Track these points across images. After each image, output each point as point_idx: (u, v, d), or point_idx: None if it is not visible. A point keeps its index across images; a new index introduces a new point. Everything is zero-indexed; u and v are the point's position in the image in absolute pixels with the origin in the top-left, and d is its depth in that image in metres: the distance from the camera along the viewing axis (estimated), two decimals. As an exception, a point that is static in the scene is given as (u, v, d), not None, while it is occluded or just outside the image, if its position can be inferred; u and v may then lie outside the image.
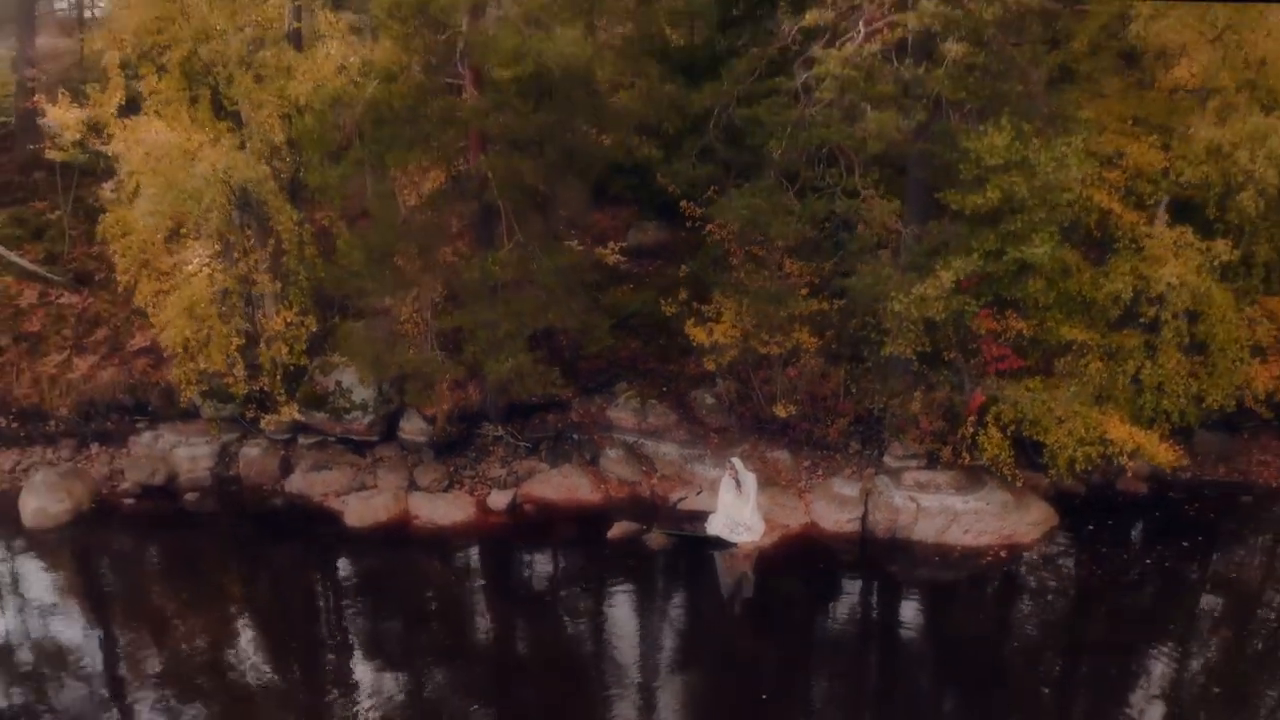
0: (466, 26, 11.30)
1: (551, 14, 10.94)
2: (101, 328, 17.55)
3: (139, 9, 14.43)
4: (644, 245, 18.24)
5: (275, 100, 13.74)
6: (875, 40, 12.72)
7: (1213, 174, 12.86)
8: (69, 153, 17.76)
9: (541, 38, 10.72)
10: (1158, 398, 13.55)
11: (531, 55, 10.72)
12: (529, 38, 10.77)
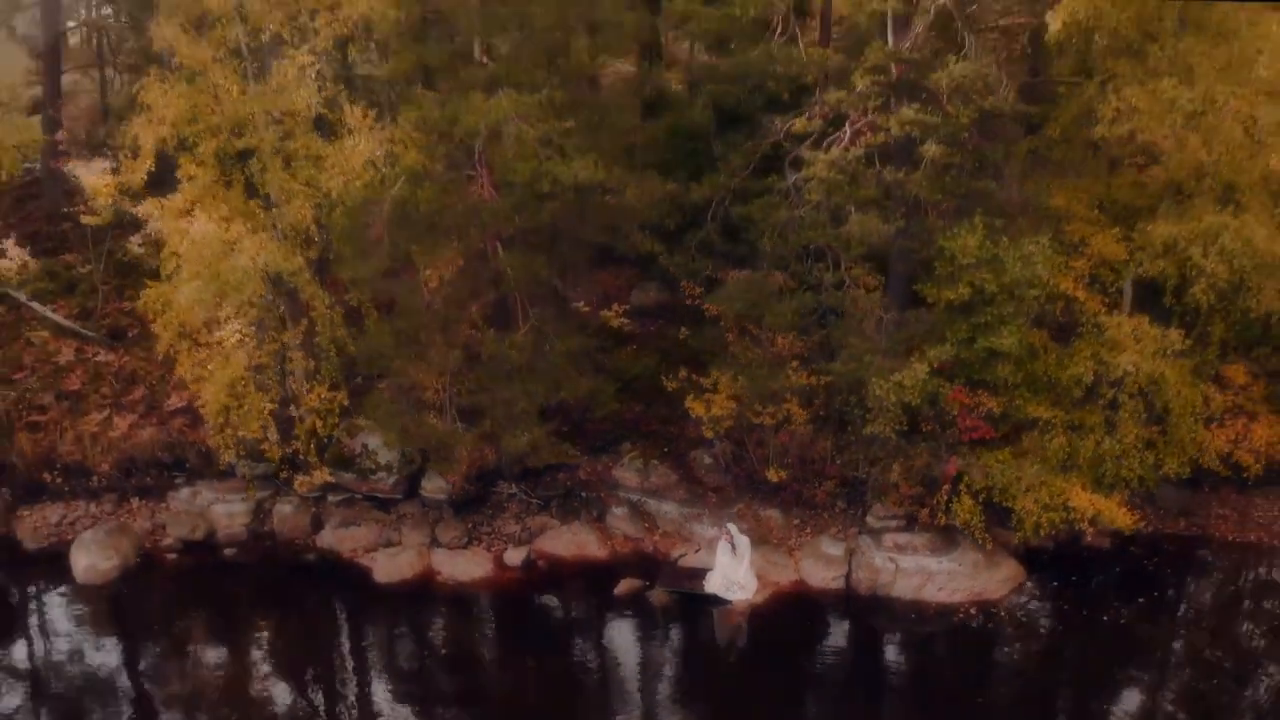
0: (486, 148, 12.90)
1: (564, 136, 12.52)
2: (138, 386, 19.24)
3: (176, 100, 15.96)
4: (645, 306, 19.90)
5: (306, 190, 15.34)
6: (859, 143, 14.35)
7: (1169, 268, 14.51)
8: (102, 217, 19.56)
9: (556, 163, 12.30)
10: (1118, 465, 15.22)
11: (548, 178, 12.31)
12: (545, 161, 12.36)
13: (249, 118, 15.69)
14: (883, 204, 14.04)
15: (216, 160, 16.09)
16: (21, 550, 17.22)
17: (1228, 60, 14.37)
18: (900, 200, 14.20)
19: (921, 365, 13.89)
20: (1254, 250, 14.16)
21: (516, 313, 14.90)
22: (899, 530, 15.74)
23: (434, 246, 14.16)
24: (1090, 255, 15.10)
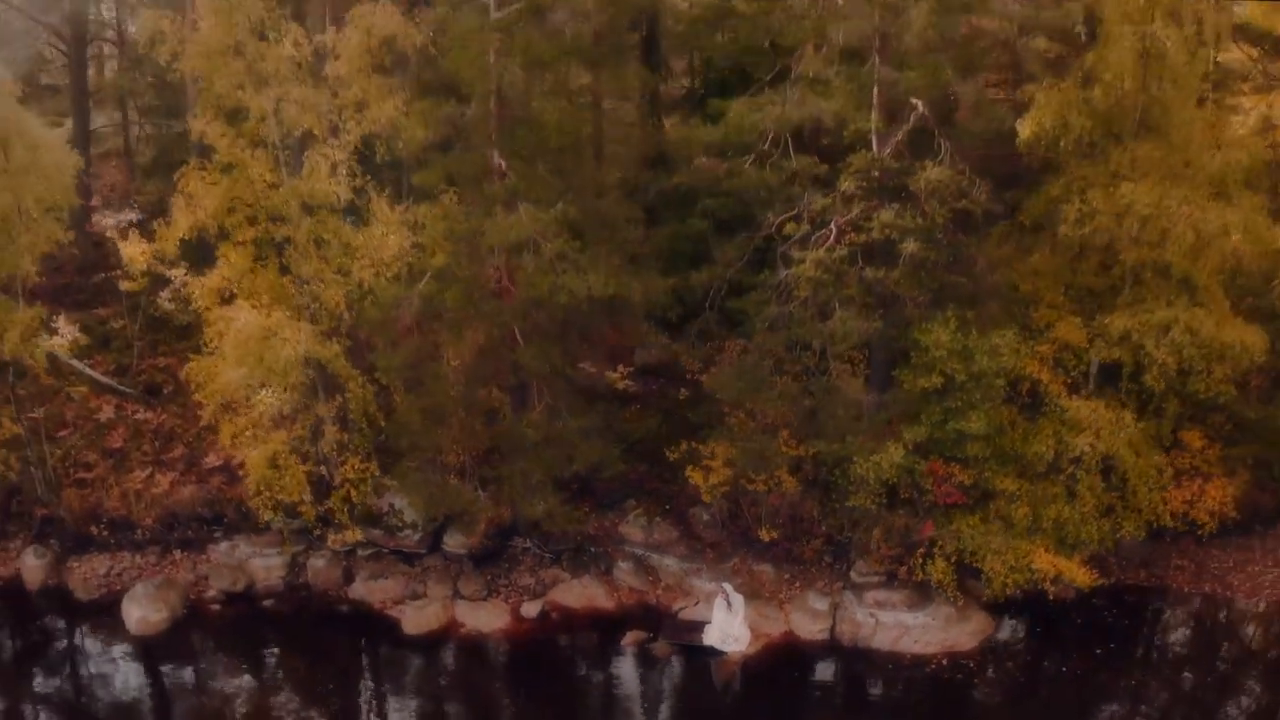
0: (508, 261, 14.77)
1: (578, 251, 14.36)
2: (177, 444, 21.19)
3: (216, 192, 17.79)
4: (649, 364, 21.78)
5: (339, 279, 17.21)
6: (844, 241, 16.19)
7: (1124, 355, 16.43)
8: (139, 282, 21.44)
9: (572, 277, 14.18)
10: (1078, 530, 17.21)
11: (565, 291, 14.20)
12: (561, 275, 14.23)
13: (284, 206, 17.58)
14: (864, 300, 15.92)
15: (254, 245, 18.01)
16: (74, 600, 19.28)
17: (1181, 164, 16.23)
18: (880, 296, 16.08)
19: (898, 448, 15.89)
20: (1201, 340, 16.11)
21: (533, 392, 16.83)
22: (879, 587, 17.77)
23: (458, 338, 16.05)
24: (1055, 340, 17.04)
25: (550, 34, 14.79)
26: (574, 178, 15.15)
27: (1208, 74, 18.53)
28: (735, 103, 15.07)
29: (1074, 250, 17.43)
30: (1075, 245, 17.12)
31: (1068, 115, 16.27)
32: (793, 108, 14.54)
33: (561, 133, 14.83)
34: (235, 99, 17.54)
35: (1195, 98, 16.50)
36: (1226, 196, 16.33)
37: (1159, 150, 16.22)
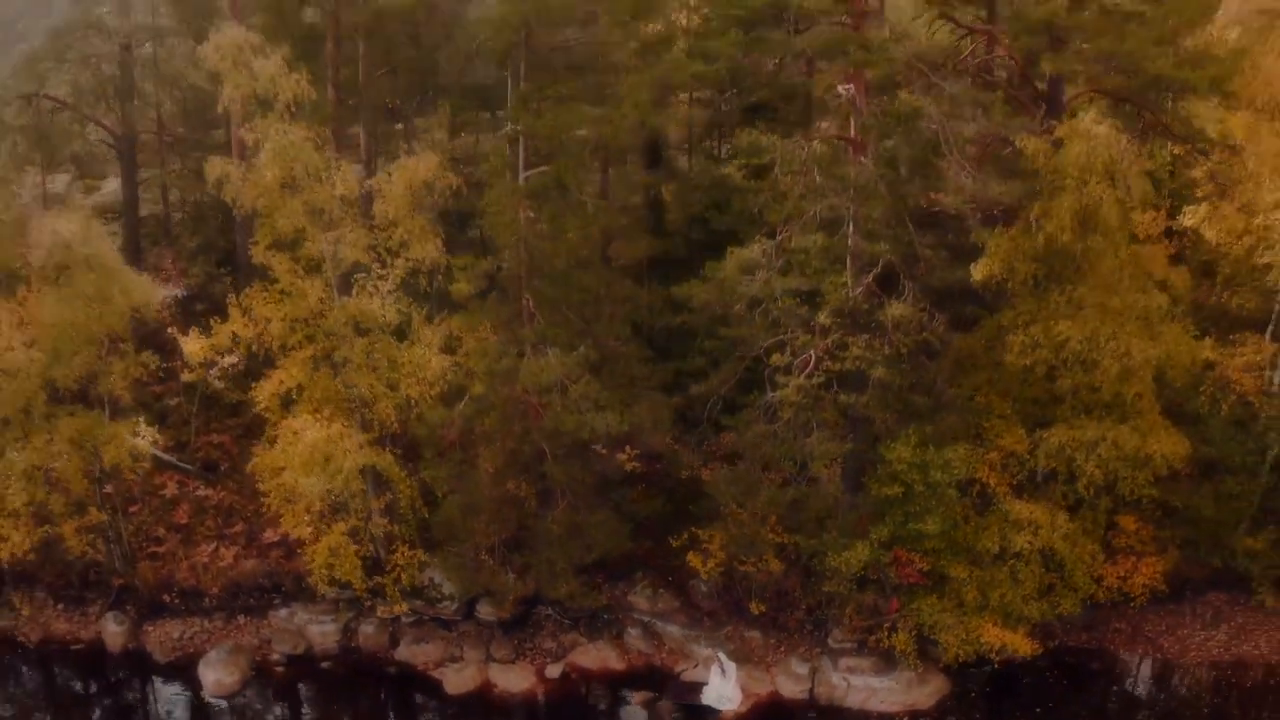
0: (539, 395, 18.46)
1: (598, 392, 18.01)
2: (237, 520, 24.97)
3: (277, 312, 21.37)
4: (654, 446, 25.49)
5: (389, 393, 20.86)
6: (821, 368, 19.84)
7: (1060, 465, 20.19)
8: (198, 373, 25.12)
9: (594, 415, 17.85)
10: (1021, 607, 21.05)
11: (587, 429, 17.87)
12: (585, 414, 17.90)
13: (337, 326, 21.20)
14: (838, 421, 19.62)
15: (311, 359, 21.63)
16: (153, 662, 23.15)
17: (1111, 303, 19.87)
18: (852, 417, 19.79)
19: (865, 545, 19.73)
20: (1125, 454, 19.88)
21: (557, 493, 20.57)
22: (852, 654, 21.70)
23: (493, 449, 19.76)
24: (1002, 448, 20.80)
25: (573, 204, 18.36)
26: (594, 324, 18.82)
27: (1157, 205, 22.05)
28: (728, 264, 18.75)
29: (1020, 373, 21.08)
30: (1020, 369, 20.80)
31: (1015, 260, 19.95)
32: (777, 278, 18.15)
33: (582, 289, 18.46)
34: (293, 232, 21.13)
35: (1124, 246, 20.07)
36: (1152, 330, 20.00)
37: (1092, 292, 19.89)
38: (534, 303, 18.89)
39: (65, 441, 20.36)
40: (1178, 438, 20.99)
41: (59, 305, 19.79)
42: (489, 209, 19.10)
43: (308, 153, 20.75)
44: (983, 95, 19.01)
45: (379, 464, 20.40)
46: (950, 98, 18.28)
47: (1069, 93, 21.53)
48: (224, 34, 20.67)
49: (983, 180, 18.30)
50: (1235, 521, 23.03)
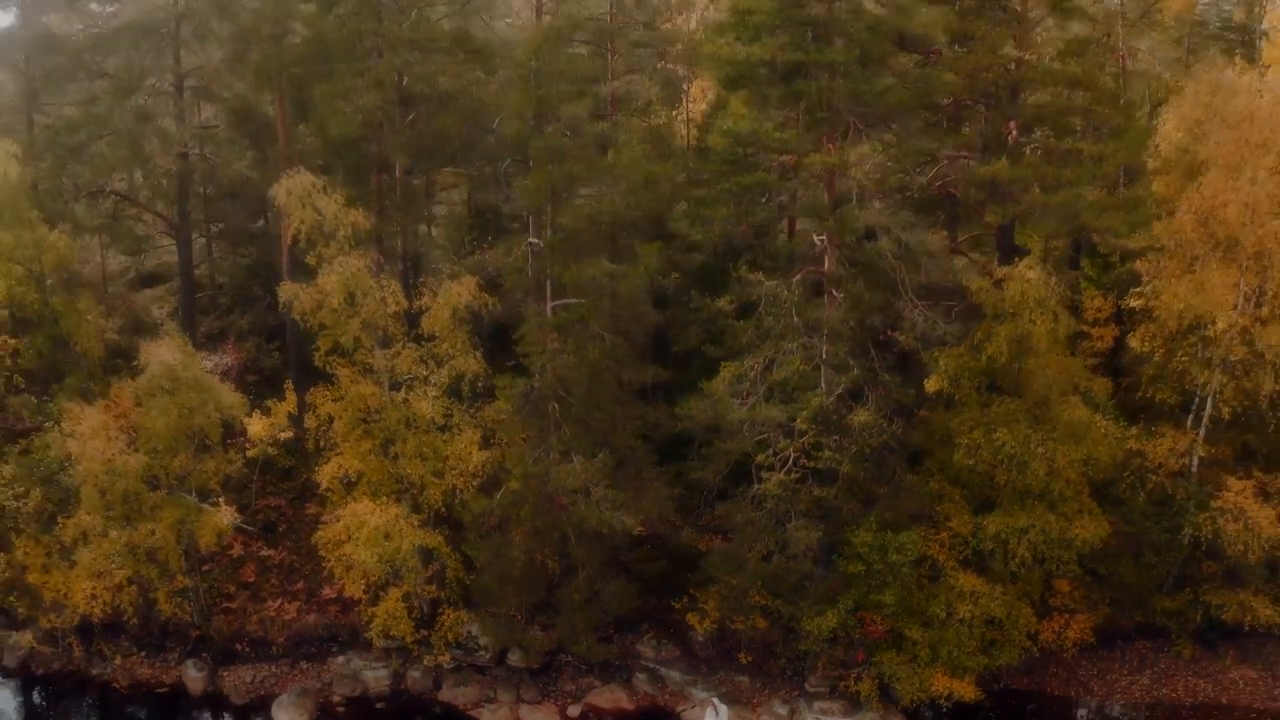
0: (566, 498, 23.70)
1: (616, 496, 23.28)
2: (298, 579, 30.31)
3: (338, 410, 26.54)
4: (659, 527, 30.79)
5: (437, 481, 26.08)
6: (799, 465, 25.09)
7: (997, 547, 25.50)
8: (260, 448, 30.42)
9: (611, 514, 23.08)
10: (966, 661, 26.42)
11: (606, 525, 23.14)
12: (605, 513, 23.12)
13: (391, 422, 26.37)
14: (812, 513, 24.87)
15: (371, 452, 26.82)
16: (230, 704, 28.60)
17: (1042, 414, 25.08)
18: (824, 507, 25.04)
19: (834, 613, 25.09)
20: (1051, 539, 25.17)
21: (578, 567, 25.88)
22: (825, 697, 27.15)
23: (525, 532, 25.05)
24: (950, 529, 26.10)
25: (592, 336, 23.44)
26: (610, 435, 24.02)
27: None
28: (720, 382, 23.91)
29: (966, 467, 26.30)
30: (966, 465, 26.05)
31: (961, 376, 25.18)
32: (761, 405, 23.34)
33: (600, 406, 23.61)
34: (351, 342, 26.26)
35: (1053, 365, 25.22)
36: (1076, 436, 25.20)
37: (1025, 404, 25.10)
38: (560, 415, 24.11)
39: (165, 527, 25.61)
40: (1099, 521, 26.34)
41: (162, 416, 24.97)
42: (524, 338, 24.31)
43: (364, 278, 25.95)
44: (934, 241, 24.10)
45: (430, 543, 25.69)
46: (907, 246, 23.40)
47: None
48: (294, 179, 25.72)
49: (932, 320, 23.48)
50: (1155, 585, 28.47)
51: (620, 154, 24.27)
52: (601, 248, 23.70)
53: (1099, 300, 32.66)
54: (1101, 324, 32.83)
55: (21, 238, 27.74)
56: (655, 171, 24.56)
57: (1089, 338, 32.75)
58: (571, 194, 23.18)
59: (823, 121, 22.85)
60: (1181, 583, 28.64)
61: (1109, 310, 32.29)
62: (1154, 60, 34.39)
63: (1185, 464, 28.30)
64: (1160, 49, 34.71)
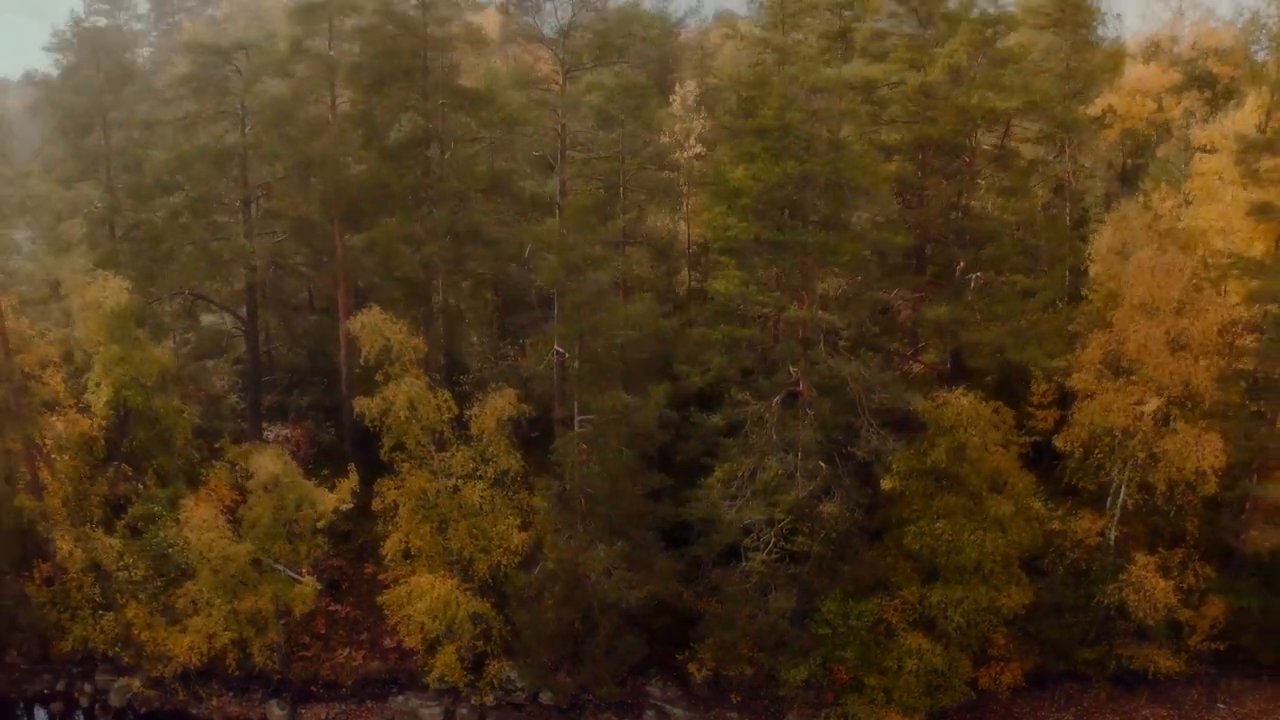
0: (592, 577, 31.69)
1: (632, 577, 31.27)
2: (362, 630, 38.37)
3: (402, 498, 34.52)
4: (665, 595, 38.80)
5: (484, 556, 34.06)
6: (778, 549, 33.09)
7: (938, 613, 33.53)
8: (327, 518, 38.47)
9: (629, 592, 31.00)
10: (916, 702, 34.53)
11: (624, 601, 31.13)
12: (623, 591, 31.04)
13: (446, 508, 34.34)
14: (788, 583, 32.84)
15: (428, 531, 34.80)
16: (310, 738, 36.77)
17: (975, 508, 33.03)
18: (799, 581, 33.03)
19: (805, 665, 33.20)
20: (980, 606, 33.19)
21: (600, 627, 33.91)
22: (800, 733, 35.34)
23: (557, 601, 33.08)
24: (902, 597, 34.13)
25: (613, 449, 31.24)
26: (626, 526, 31.92)
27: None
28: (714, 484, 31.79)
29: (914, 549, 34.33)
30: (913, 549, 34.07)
31: (910, 477, 33.10)
32: (746, 510, 31.29)
33: (618, 503, 31.49)
34: (414, 444, 34.18)
35: (984, 470, 33.08)
36: (1004, 525, 33.15)
37: (962, 499, 33.03)
38: (586, 510, 32.03)
39: (265, 599, 33.61)
40: (1025, 590, 34.36)
41: (266, 512, 32.88)
42: (557, 449, 32.24)
43: (423, 391, 33.84)
44: (888, 376, 32.00)
45: (480, 609, 33.72)
46: (865, 378, 31.24)
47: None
48: (367, 315, 33.52)
49: (884, 436, 31.38)
50: (1077, 640, 36.54)
51: (635, 303, 32.08)
52: (618, 376, 31.56)
53: (1044, 385, 40.54)
54: (1045, 407, 40.77)
55: (130, 354, 35.45)
56: (663, 324, 32.44)
57: (1034, 418, 40.75)
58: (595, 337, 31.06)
59: (797, 283, 30.65)
60: (1100, 636, 36.74)
61: (1052, 394, 40.18)
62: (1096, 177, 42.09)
63: (1103, 540, 36.33)
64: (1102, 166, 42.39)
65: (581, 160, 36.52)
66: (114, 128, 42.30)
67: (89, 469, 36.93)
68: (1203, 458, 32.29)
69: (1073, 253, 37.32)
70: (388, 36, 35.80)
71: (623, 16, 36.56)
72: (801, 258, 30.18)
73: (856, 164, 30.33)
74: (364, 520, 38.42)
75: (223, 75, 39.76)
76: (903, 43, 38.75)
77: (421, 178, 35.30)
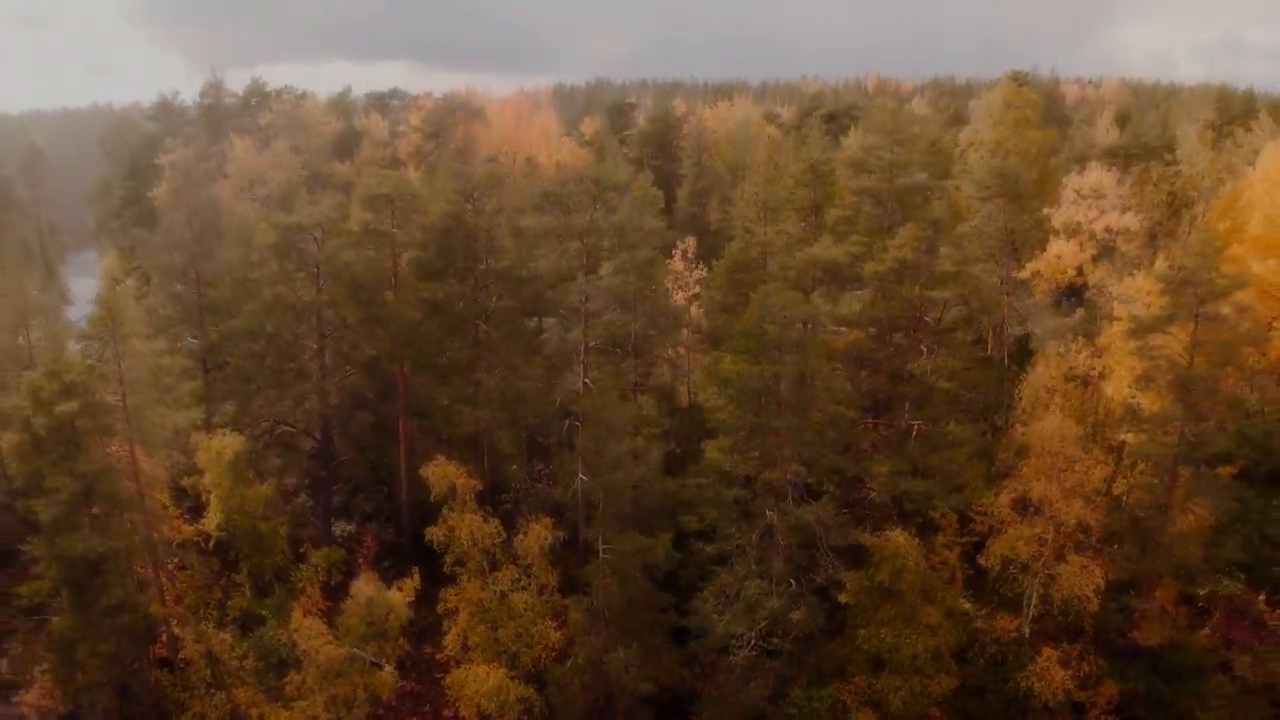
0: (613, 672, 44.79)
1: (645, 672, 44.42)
2: (424, 702, 51.60)
3: (464, 609, 47.65)
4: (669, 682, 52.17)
5: (528, 649, 47.20)
6: (756, 647, 46.29)
7: (883, 697, 46.79)
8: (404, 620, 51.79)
9: (642, 683, 44.08)
10: (868, 764, 47.84)
11: (639, 689, 44.24)
12: (638, 683, 44.13)
13: (497, 613, 47.46)
14: (766, 673, 45.97)
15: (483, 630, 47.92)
16: (393, 785, 50.08)
17: (913, 617, 46.11)
18: (775, 675, 46.18)
19: (780, 737, 46.54)
20: (915, 694, 46.38)
21: (618, 705, 47.15)
22: (777, 787, 48.66)
23: (586, 685, 46.33)
24: (856, 684, 47.36)
25: (630, 577, 44.15)
26: (641, 633, 44.93)
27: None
28: (707, 607, 44.71)
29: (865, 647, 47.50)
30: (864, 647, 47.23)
31: (860, 593, 46.19)
32: (733, 622, 44.31)
33: (634, 617, 44.47)
34: (471, 562, 47.27)
35: (918, 587, 46.01)
36: (919, 629, 46.23)
37: (901, 610, 46.10)
38: (608, 619, 45.05)
39: (359, 687, 46.77)
40: (952, 677, 47.51)
41: (361, 623, 45.92)
42: (587, 572, 45.16)
43: (479, 523, 46.88)
44: (842, 518, 44.97)
45: (524, 694, 46.91)
46: (824, 522, 44.20)
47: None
48: (438, 466, 46.36)
49: (838, 567, 44.43)
50: (997, 716, 49.72)
51: (648, 466, 44.98)
52: (634, 519, 44.48)
53: (958, 523, 53.62)
54: (966, 536, 53.87)
55: (241, 490, 48.25)
56: (670, 485, 45.12)
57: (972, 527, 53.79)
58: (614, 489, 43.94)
59: (772, 450, 43.50)
60: (1015, 713, 49.96)
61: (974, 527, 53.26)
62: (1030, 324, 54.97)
63: (1019, 634, 49.45)
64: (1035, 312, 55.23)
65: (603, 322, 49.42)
66: (206, 282, 54.96)
67: (204, 579, 49.89)
68: (1087, 584, 45.41)
69: (1003, 396, 50.15)
70: (444, 231, 48.45)
71: (632, 210, 49.19)
72: (775, 435, 43.02)
73: (817, 360, 43.13)
74: (422, 607, 51.53)
75: (303, 244, 52.38)
76: (862, 221, 51.47)
77: (474, 346, 48.01)
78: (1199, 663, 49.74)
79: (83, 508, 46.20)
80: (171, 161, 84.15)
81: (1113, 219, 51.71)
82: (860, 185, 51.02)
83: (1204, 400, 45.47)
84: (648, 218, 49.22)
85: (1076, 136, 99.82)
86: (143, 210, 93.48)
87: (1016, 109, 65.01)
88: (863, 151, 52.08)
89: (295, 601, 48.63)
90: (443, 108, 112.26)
